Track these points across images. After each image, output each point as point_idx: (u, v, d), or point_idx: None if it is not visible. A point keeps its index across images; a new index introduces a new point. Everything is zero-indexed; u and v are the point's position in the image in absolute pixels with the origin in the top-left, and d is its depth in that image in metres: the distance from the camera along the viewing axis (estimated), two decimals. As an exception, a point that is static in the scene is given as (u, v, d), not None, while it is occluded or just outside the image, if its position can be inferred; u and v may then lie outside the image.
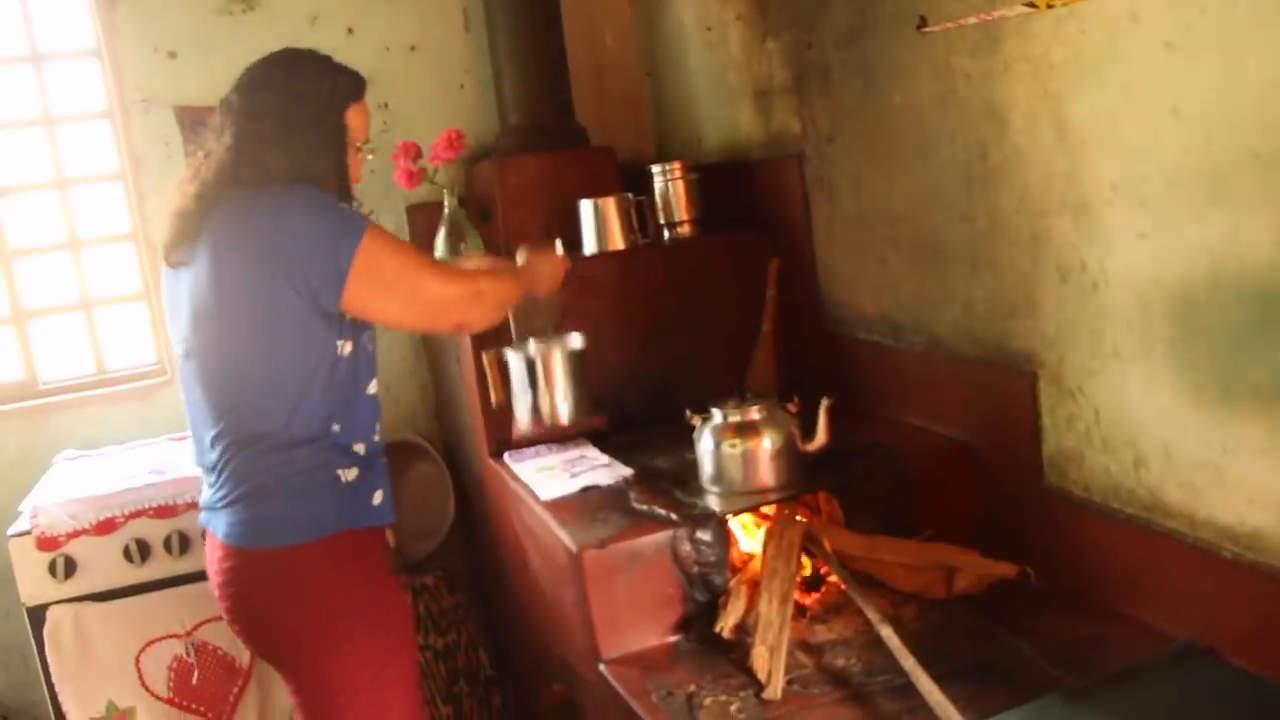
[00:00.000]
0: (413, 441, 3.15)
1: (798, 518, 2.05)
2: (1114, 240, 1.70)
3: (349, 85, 1.88)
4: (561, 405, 2.25)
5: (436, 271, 1.86)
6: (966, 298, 2.09)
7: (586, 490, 2.18)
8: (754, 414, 2.08)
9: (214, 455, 1.81)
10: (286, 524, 1.77)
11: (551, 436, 2.42)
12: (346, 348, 1.81)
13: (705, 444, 2.10)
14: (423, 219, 3.15)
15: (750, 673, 1.74)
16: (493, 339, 2.31)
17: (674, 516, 1.97)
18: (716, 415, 2.11)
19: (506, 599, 2.78)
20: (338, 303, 1.73)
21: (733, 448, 2.07)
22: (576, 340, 2.29)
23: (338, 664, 1.80)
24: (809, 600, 1.98)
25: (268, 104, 1.78)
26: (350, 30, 3.18)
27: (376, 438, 1.92)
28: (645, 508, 2.03)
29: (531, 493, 2.24)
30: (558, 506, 2.13)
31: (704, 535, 1.94)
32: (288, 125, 1.77)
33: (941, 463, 2.15)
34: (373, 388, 1.92)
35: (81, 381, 3.11)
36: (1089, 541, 1.84)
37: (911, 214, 2.22)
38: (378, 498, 1.88)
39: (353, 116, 1.88)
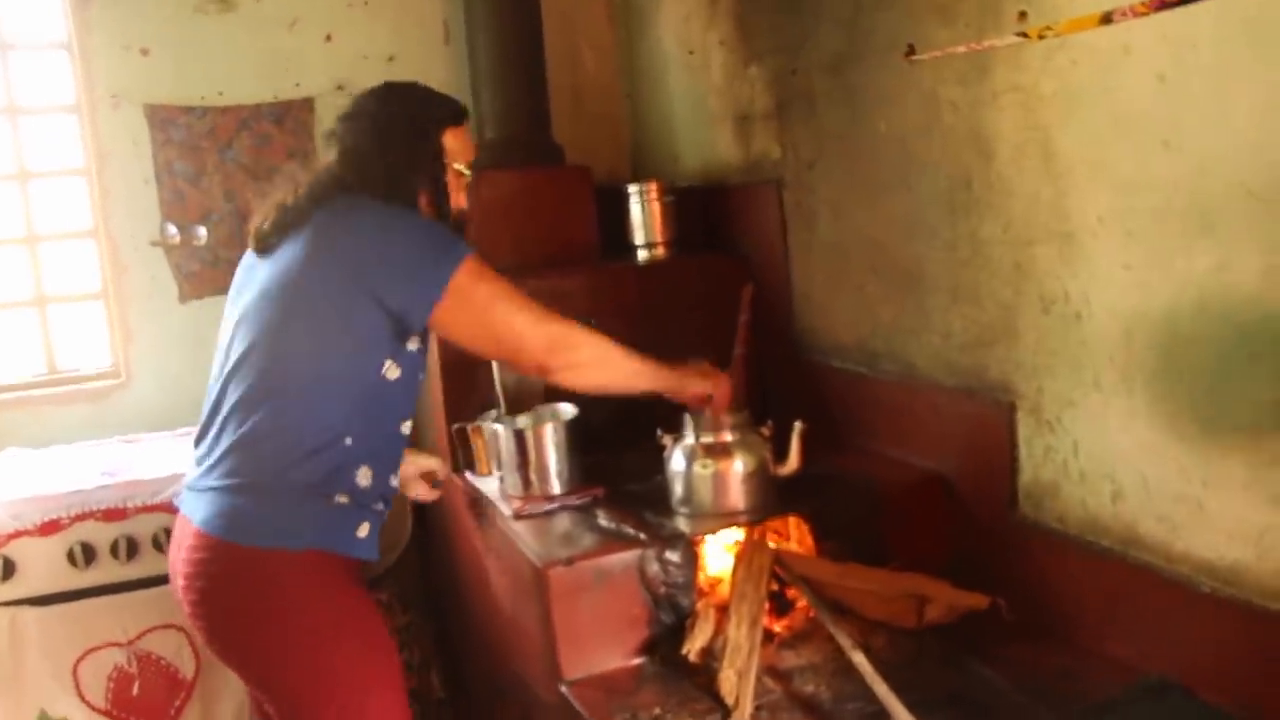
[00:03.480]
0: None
1: (768, 542, 2.02)
2: (1099, 272, 1.70)
3: (446, 109, 1.93)
4: (555, 480, 2.19)
5: (527, 309, 1.81)
6: (945, 327, 2.08)
7: (553, 508, 2.13)
8: (726, 436, 2.05)
9: (221, 437, 1.76)
10: (263, 524, 1.71)
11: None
12: (394, 372, 1.78)
13: (676, 464, 2.07)
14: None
15: (717, 697, 1.70)
16: (476, 408, 2.35)
17: (643, 536, 1.93)
18: (689, 435, 2.07)
19: (462, 618, 2.71)
20: (425, 321, 1.75)
21: (704, 469, 2.03)
22: (569, 411, 2.25)
23: (310, 681, 1.72)
24: (777, 626, 1.94)
25: (363, 125, 1.86)
26: (328, 37, 3.14)
27: (393, 480, 1.86)
28: (613, 526, 1.99)
29: (496, 509, 2.19)
30: (523, 523, 2.08)
31: (673, 556, 1.90)
32: (384, 142, 1.85)
33: (915, 492, 2.13)
34: (405, 428, 1.87)
35: (32, 380, 3.00)
36: (1063, 574, 1.83)
37: (891, 242, 2.21)
38: (363, 530, 1.80)
39: (451, 139, 1.92)
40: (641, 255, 2.82)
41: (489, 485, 2.31)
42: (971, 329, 2.01)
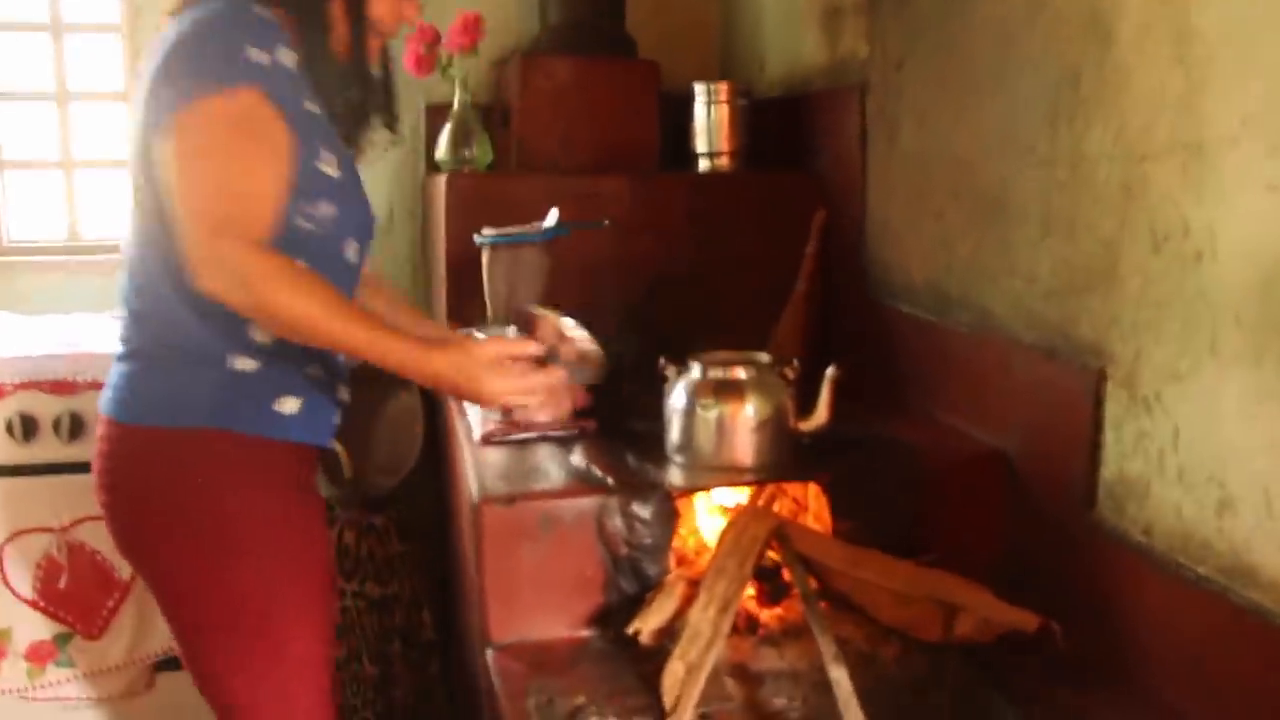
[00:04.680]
0: (395, 366, 2.81)
1: (773, 509, 1.64)
2: (1232, 195, 1.24)
3: None
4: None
5: (244, 208, 1.35)
6: (1030, 268, 1.64)
7: (529, 437, 1.79)
8: (739, 373, 1.67)
9: (122, 302, 1.51)
10: (159, 400, 1.45)
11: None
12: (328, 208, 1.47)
13: (675, 401, 1.70)
14: (441, 122, 2.79)
15: (659, 692, 1.34)
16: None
17: (609, 481, 1.56)
18: (694, 369, 1.70)
19: (454, 554, 2.43)
20: (159, 137, 1.37)
21: (705, 410, 1.65)
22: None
23: (216, 596, 1.47)
24: (766, 615, 1.56)
25: None
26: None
27: None
28: (582, 465, 1.64)
29: (469, 430, 1.87)
30: (488, 449, 1.75)
31: (640, 511, 1.54)
32: None
33: (969, 470, 1.70)
34: (351, 253, 1.55)
35: (50, 245, 2.84)
36: (1142, 601, 1.38)
37: (978, 159, 1.77)
38: (289, 406, 1.49)
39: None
40: (702, 165, 2.44)
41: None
42: (1062, 271, 1.56)
